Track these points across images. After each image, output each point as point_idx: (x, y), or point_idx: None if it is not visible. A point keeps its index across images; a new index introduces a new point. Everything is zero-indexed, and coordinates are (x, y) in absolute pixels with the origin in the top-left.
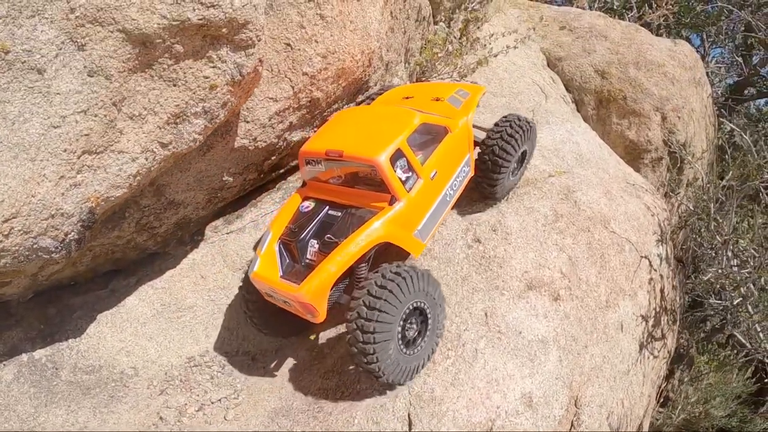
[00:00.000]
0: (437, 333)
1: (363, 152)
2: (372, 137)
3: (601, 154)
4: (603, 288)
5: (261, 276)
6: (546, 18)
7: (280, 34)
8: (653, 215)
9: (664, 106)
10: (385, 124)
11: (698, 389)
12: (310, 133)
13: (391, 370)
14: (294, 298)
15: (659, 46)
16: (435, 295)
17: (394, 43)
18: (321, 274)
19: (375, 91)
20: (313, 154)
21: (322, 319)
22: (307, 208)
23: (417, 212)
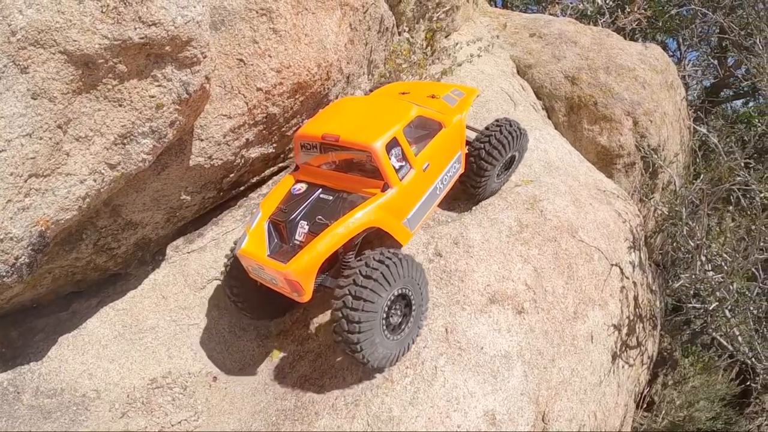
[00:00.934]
0: (421, 317)
1: (359, 138)
2: (369, 125)
3: (571, 161)
4: (571, 299)
5: (249, 253)
6: (516, 26)
7: (232, 49)
8: (625, 222)
9: (635, 111)
10: (383, 113)
11: (682, 392)
12: (270, 149)
13: (376, 356)
14: (282, 275)
15: (630, 50)
16: (419, 280)
17: (354, 55)
18: (310, 252)
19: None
20: (308, 137)
21: (308, 299)
22: (299, 191)
23: (408, 201)
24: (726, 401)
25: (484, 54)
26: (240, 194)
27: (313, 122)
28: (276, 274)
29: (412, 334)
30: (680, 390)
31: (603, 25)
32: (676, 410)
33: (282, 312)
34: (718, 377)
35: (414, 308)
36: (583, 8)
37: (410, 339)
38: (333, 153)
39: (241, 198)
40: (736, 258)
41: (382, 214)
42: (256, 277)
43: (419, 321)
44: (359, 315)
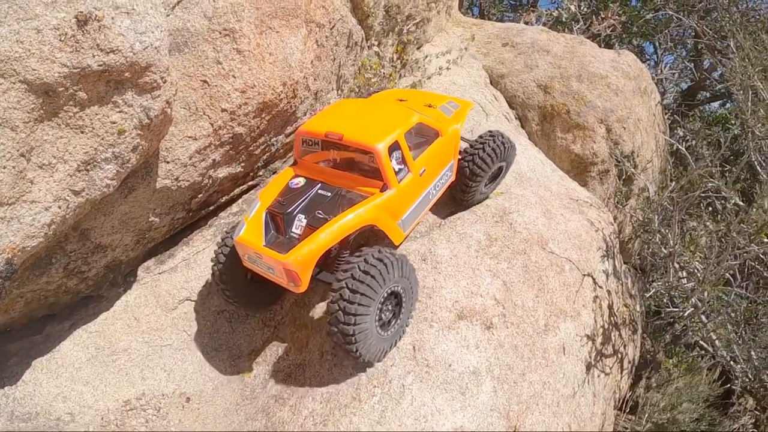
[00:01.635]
0: (409, 316)
1: (363, 139)
2: (372, 127)
3: (543, 171)
4: (541, 312)
5: (246, 241)
6: (488, 35)
7: (196, 71)
8: (597, 230)
9: (608, 118)
10: (385, 117)
11: (665, 395)
12: (238, 168)
13: (367, 350)
14: (281, 265)
15: (602, 57)
16: (411, 280)
17: (322, 71)
18: (310, 244)
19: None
20: (311, 134)
21: (304, 290)
22: (297, 185)
23: (403, 203)
24: (709, 402)
25: (455, 66)
26: (210, 214)
27: (315, 120)
28: (274, 263)
29: (400, 331)
30: (663, 392)
31: (578, 32)
32: (659, 413)
33: (268, 303)
34: (702, 377)
35: (404, 306)
36: (557, 15)
37: (398, 336)
38: (334, 151)
39: (212, 217)
40: (708, 266)
41: (380, 213)
42: (250, 266)
43: (407, 319)
44: (356, 308)
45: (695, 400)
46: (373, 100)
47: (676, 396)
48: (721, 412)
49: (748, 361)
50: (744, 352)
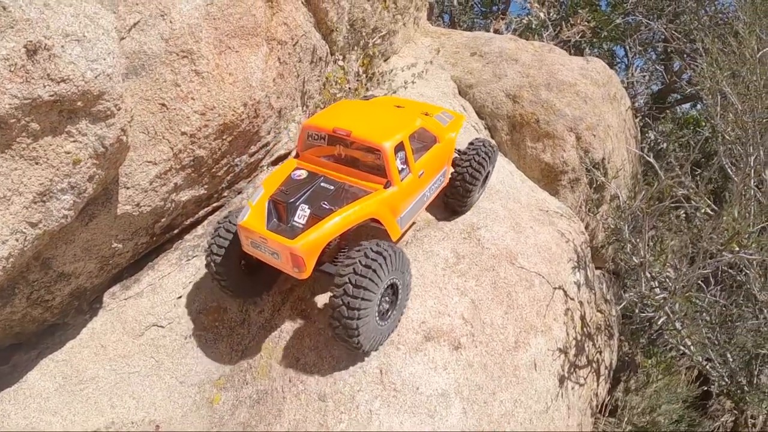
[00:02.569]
0: (404, 305)
1: (371, 137)
2: (379, 126)
3: (513, 182)
4: (511, 329)
5: (251, 226)
6: (457, 45)
7: (153, 94)
8: (568, 241)
9: (578, 126)
10: (391, 119)
11: (644, 397)
12: (201, 191)
13: (368, 341)
14: (288, 250)
15: (571, 65)
16: (406, 272)
17: (285, 88)
18: (318, 231)
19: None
20: (318, 128)
21: (307, 276)
22: (300, 177)
23: (403, 201)
24: (688, 403)
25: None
26: (175, 237)
27: (321, 115)
28: (280, 248)
29: (396, 321)
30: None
31: (547, 38)
32: (638, 416)
33: (261, 291)
34: (681, 378)
35: (399, 297)
36: (527, 21)
37: (394, 325)
38: (340, 146)
39: (177, 240)
40: (680, 276)
41: (382, 208)
42: (252, 251)
43: (402, 309)
44: (359, 302)
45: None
46: (376, 103)
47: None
48: (700, 412)
49: (724, 364)
50: (719, 356)
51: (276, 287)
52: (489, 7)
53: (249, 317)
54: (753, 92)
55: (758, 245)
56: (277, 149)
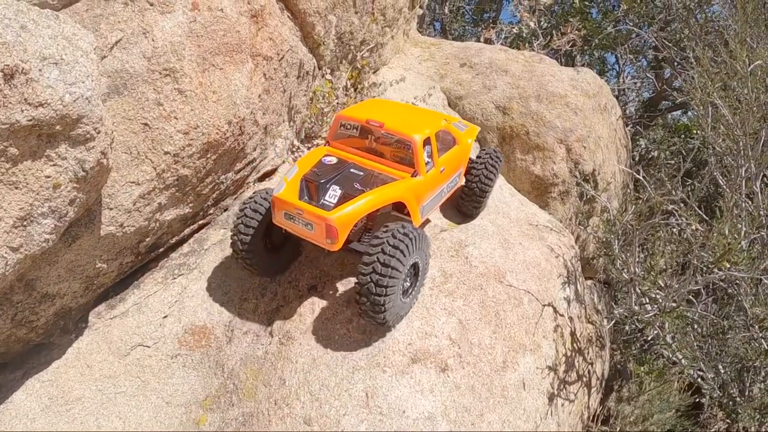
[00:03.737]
0: (422, 283)
1: (403, 129)
2: (409, 122)
3: (502, 196)
4: (499, 349)
5: (288, 197)
6: (446, 55)
7: (136, 114)
8: (558, 256)
9: (568, 138)
10: (419, 117)
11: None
12: (186, 210)
13: (393, 317)
14: (325, 221)
15: (561, 76)
16: (426, 251)
17: (271, 104)
18: (352, 206)
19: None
20: (352, 119)
21: (338, 249)
22: (330, 162)
23: (427, 191)
24: (681, 412)
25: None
26: (161, 255)
27: (355, 108)
28: (316, 219)
29: (416, 296)
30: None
31: (538, 47)
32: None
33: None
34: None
35: (420, 275)
36: (518, 31)
37: (414, 301)
38: (372, 137)
39: (162, 259)
40: (669, 293)
41: (410, 194)
42: (283, 222)
43: (420, 287)
44: (387, 281)
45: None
46: (401, 104)
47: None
48: (692, 421)
49: (716, 376)
50: (711, 369)
51: (263, 307)
52: (480, 15)
53: (235, 337)
54: (744, 105)
55: (749, 262)
56: (264, 165)
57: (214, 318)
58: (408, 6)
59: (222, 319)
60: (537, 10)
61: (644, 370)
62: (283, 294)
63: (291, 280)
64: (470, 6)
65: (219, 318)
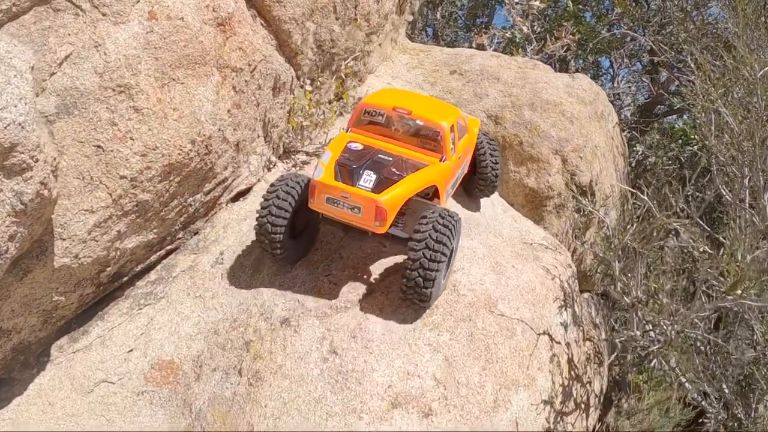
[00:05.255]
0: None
1: (430, 116)
2: (433, 110)
3: (494, 213)
4: (489, 386)
5: (331, 181)
6: (436, 62)
7: (88, 136)
8: (554, 278)
9: (564, 148)
10: (440, 105)
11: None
12: (150, 236)
13: (433, 299)
14: (375, 203)
15: (556, 83)
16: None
17: (243, 119)
18: (400, 188)
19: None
20: (378, 107)
21: (385, 231)
22: (356, 148)
23: (451, 176)
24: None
25: None
26: (126, 284)
27: (376, 96)
28: (366, 202)
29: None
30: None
31: (531, 53)
32: None
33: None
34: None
35: (452, 257)
36: (511, 36)
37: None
38: (399, 124)
39: (128, 288)
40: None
41: (441, 177)
42: (324, 207)
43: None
44: (434, 274)
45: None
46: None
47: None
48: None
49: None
50: (715, 391)
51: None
52: (473, 20)
53: (203, 374)
54: (753, 115)
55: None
56: (237, 185)
57: (182, 352)
58: (396, 12)
59: (190, 353)
60: (530, 14)
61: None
62: (254, 327)
63: (263, 312)
64: (463, 11)
65: (187, 352)
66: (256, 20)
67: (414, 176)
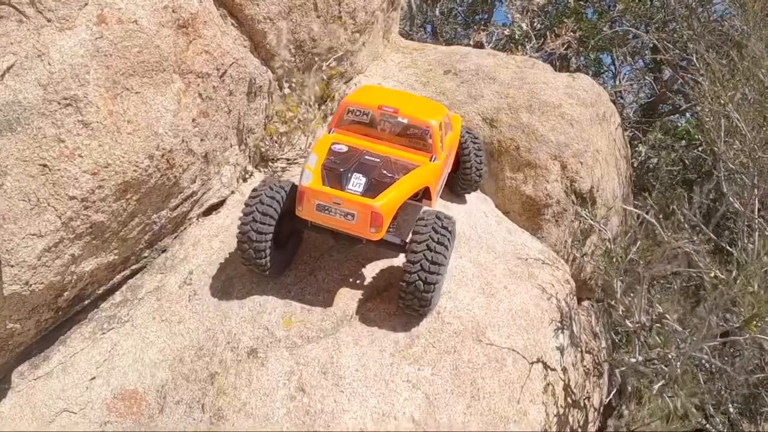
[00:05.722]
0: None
1: (419, 115)
2: (420, 107)
3: (487, 225)
4: (474, 426)
5: (321, 187)
6: (429, 62)
7: (32, 154)
8: (550, 298)
9: (563, 153)
10: (424, 104)
11: None
12: (110, 257)
13: (433, 302)
14: (370, 209)
15: (555, 83)
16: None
17: (212, 128)
18: (394, 191)
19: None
20: (362, 105)
21: (381, 237)
22: (341, 150)
23: (441, 175)
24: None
25: None
26: (89, 306)
27: (360, 94)
28: (359, 208)
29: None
30: None
31: (531, 50)
32: None
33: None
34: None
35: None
36: (510, 33)
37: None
38: (384, 123)
39: (91, 310)
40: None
41: (432, 178)
42: (314, 215)
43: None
44: (435, 278)
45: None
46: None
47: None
48: None
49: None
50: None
51: (198, 372)
52: (472, 16)
53: (167, 406)
54: None
55: None
56: (208, 198)
57: (146, 381)
58: (386, 8)
59: (155, 382)
60: (530, 10)
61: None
62: (220, 357)
63: (229, 341)
64: (462, 8)
65: (151, 381)
66: (226, 20)
67: (407, 178)
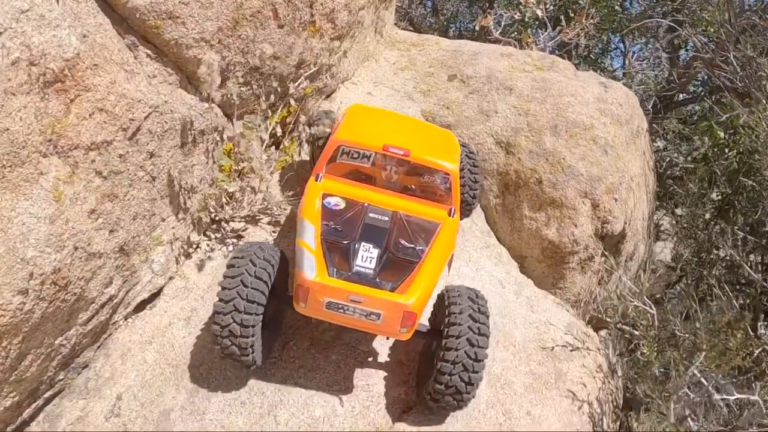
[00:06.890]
0: None
1: (434, 157)
2: (434, 145)
3: (504, 303)
4: None
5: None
6: (431, 61)
7: None
8: (581, 406)
9: (595, 190)
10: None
11: None
12: (7, 402)
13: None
14: (402, 308)
15: (584, 96)
16: None
17: (125, 212)
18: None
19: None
20: (362, 146)
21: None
22: (337, 206)
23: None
24: None
25: None
26: None
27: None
28: (388, 306)
29: None
30: None
31: (544, 40)
32: None
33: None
34: None
35: None
36: (520, 16)
37: None
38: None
39: None
40: None
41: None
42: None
43: None
44: (478, 376)
45: None
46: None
47: None
48: None
49: None
50: None
51: None
52: None
53: None
54: None
55: None
56: (136, 294)
57: None
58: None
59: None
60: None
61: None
62: None
63: None
64: None
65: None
66: (138, 50)
67: (433, 255)
